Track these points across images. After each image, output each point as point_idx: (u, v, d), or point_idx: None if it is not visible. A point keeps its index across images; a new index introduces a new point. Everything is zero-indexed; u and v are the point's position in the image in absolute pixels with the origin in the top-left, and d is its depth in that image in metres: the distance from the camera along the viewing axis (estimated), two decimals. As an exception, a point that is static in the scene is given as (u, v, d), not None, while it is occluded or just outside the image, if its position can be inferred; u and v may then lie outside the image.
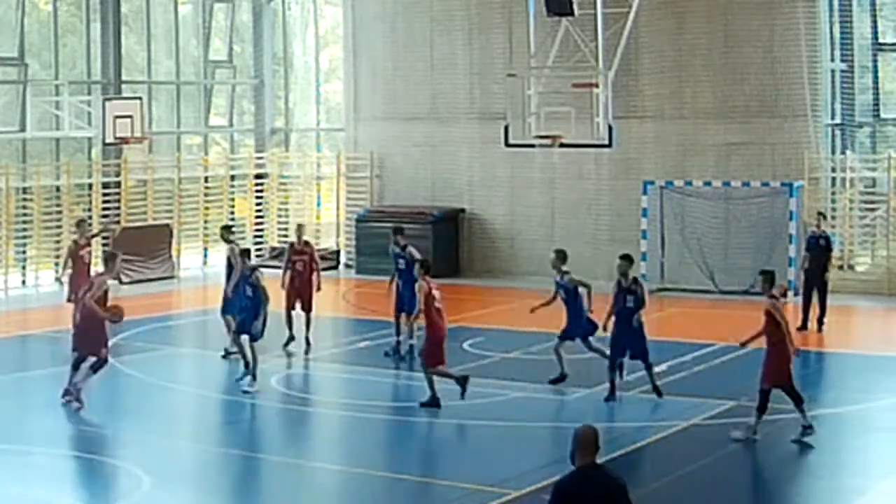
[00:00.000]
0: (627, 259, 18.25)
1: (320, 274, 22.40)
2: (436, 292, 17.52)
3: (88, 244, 22.89)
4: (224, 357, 20.84)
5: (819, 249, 23.63)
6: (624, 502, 8.46)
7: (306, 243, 22.50)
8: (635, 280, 18.20)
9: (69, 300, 22.25)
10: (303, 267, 22.08)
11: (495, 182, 31.87)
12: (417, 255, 20.47)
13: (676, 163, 29.78)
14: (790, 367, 15.89)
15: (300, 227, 23.07)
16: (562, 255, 19.12)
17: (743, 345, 16.46)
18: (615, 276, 18.20)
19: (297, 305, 21.95)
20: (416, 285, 18.06)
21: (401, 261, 21.28)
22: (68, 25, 31.76)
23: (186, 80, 33.95)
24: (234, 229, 21.81)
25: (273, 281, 21.13)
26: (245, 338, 18.84)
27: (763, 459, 15.08)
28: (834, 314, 25.86)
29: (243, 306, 19.26)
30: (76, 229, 23.55)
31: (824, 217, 24.22)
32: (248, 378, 18.59)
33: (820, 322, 23.58)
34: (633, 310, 17.85)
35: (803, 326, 23.24)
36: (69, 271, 22.45)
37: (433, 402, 17.32)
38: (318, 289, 22.08)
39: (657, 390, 17.90)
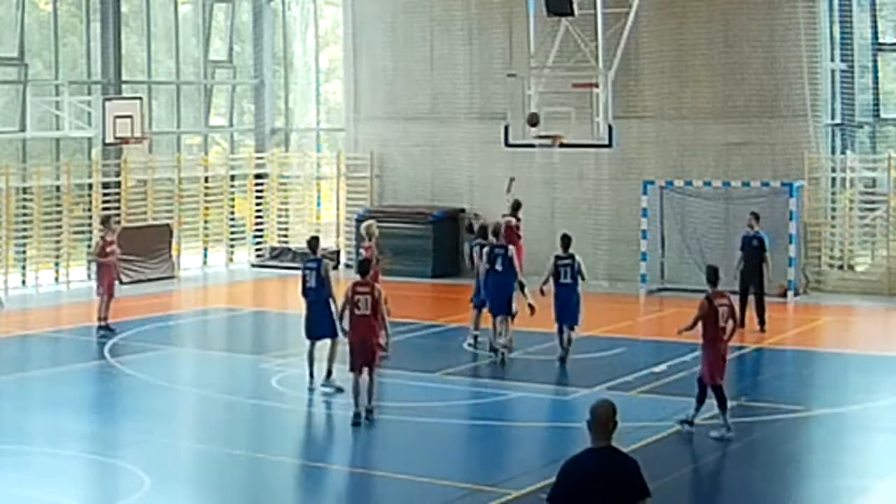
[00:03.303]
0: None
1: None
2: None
3: (114, 241, 23.51)
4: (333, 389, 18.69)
5: (752, 250, 23.59)
6: (636, 482, 8.20)
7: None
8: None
9: (98, 294, 23.28)
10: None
11: (495, 182, 31.82)
12: None
13: (676, 163, 29.78)
14: (723, 365, 15.97)
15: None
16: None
17: (680, 332, 16.50)
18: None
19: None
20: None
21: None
22: (68, 25, 31.76)
23: (186, 80, 33.95)
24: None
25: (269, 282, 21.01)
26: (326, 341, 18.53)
27: (763, 459, 15.08)
28: (834, 314, 25.90)
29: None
30: (102, 227, 24.12)
31: (757, 218, 24.02)
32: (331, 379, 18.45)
33: (761, 322, 23.28)
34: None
35: (741, 325, 22.99)
36: (100, 260, 23.37)
37: None
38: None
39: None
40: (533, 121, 23.40)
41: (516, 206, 24.12)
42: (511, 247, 20.95)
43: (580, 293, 20.36)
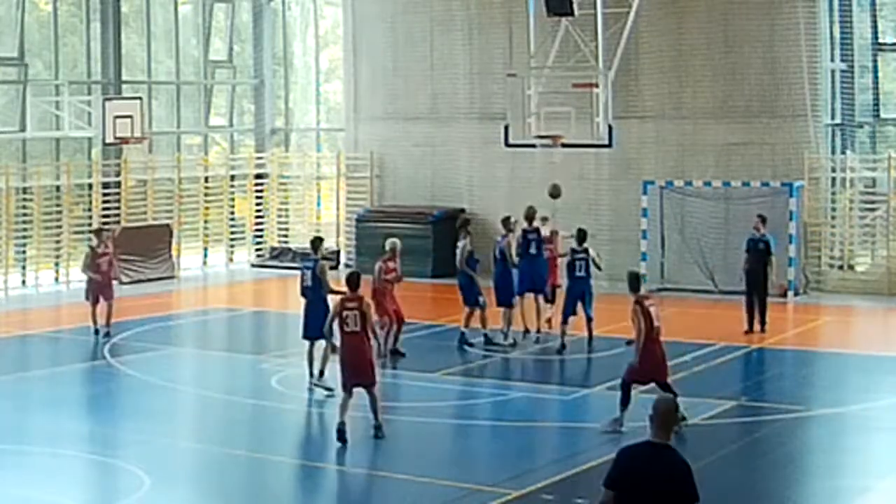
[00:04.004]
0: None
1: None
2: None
3: (106, 252, 23.02)
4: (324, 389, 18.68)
5: (758, 252, 23.42)
6: (688, 485, 8.33)
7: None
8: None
9: (86, 298, 22.92)
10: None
11: (495, 182, 31.87)
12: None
13: (676, 163, 29.78)
14: (665, 362, 16.06)
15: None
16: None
17: (629, 343, 16.46)
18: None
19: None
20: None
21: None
22: (68, 25, 31.75)
23: (186, 80, 33.95)
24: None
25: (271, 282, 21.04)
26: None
27: (763, 459, 15.08)
28: (834, 314, 25.90)
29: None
30: (95, 237, 23.56)
31: (764, 221, 23.90)
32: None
33: (762, 323, 23.17)
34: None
35: (749, 329, 23.01)
36: (89, 274, 22.90)
37: None
38: None
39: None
40: (555, 193, 23.31)
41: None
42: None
43: (593, 286, 21.47)
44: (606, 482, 8.38)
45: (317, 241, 19.52)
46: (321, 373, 18.40)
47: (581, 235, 21.36)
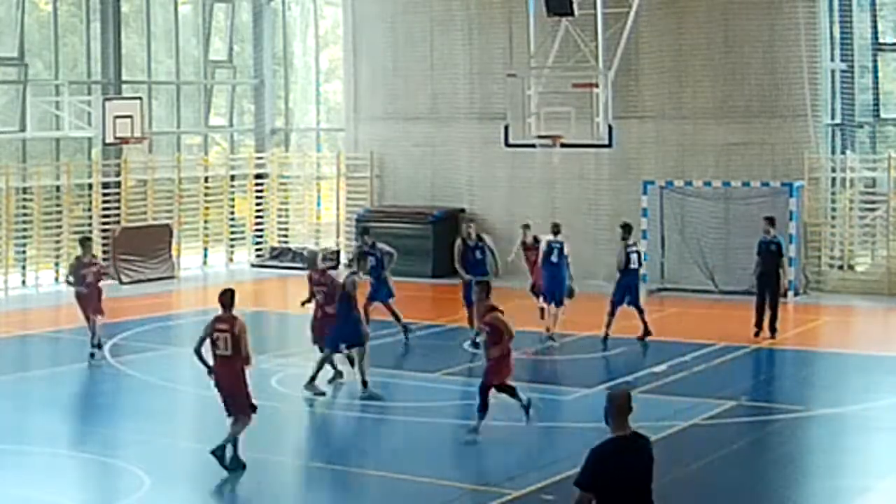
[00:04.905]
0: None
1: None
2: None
3: (93, 262, 21.26)
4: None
5: (770, 255, 23.10)
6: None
7: (323, 272, 19.95)
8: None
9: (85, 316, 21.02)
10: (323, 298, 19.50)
11: (495, 182, 31.87)
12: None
13: (676, 163, 29.78)
14: (511, 365, 16.26)
15: (320, 252, 21.87)
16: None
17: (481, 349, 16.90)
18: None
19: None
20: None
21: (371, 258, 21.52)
22: (68, 25, 31.75)
23: (186, 80, 33.95)
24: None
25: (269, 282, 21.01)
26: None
27: (763, 459, 15.08)
28: (834, 314, 25.90)
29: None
30: (81, 247, 21.65)
31: (773, 223, 23.72)
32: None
33: (772, 328, 22.87)
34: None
35: (758, 331, 22.84)
36: (73, 289, 21.15)
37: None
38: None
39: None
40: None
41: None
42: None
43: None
44: (584, 483, 8.39)
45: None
46: (364, 382, 18.11)
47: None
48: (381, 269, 22.08)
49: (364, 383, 18.01)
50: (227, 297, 14.43)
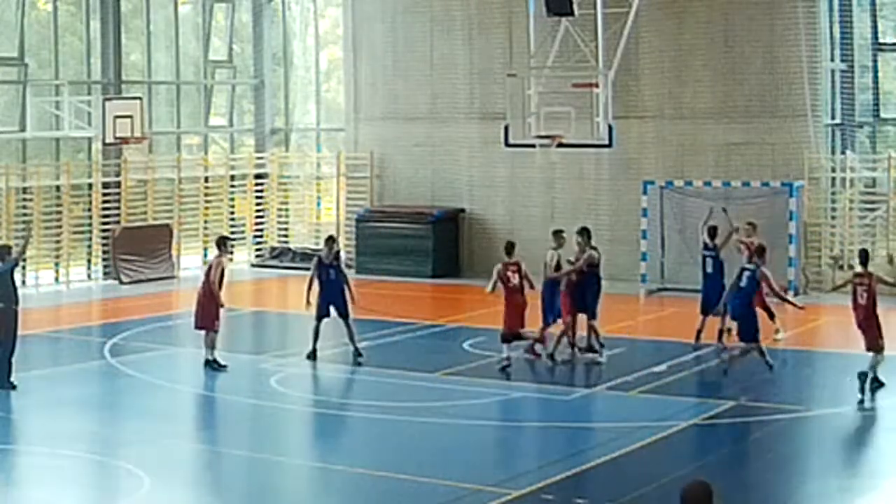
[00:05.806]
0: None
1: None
2: None
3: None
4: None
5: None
6: None
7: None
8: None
9: None
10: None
11: (495, 182, 31.87)
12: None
13: (676, 163, 29.78)
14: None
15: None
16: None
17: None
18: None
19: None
20: None
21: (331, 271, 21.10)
22: (68, 25, 31.75)
23: (186, 80, 33.94)
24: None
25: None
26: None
27: (763, 459, 15.08)
28: (834, 314, 25.86)
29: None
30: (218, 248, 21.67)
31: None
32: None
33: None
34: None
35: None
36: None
37: None
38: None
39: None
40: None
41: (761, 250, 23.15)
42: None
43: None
44: None
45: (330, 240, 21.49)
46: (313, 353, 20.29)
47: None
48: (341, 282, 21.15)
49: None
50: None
